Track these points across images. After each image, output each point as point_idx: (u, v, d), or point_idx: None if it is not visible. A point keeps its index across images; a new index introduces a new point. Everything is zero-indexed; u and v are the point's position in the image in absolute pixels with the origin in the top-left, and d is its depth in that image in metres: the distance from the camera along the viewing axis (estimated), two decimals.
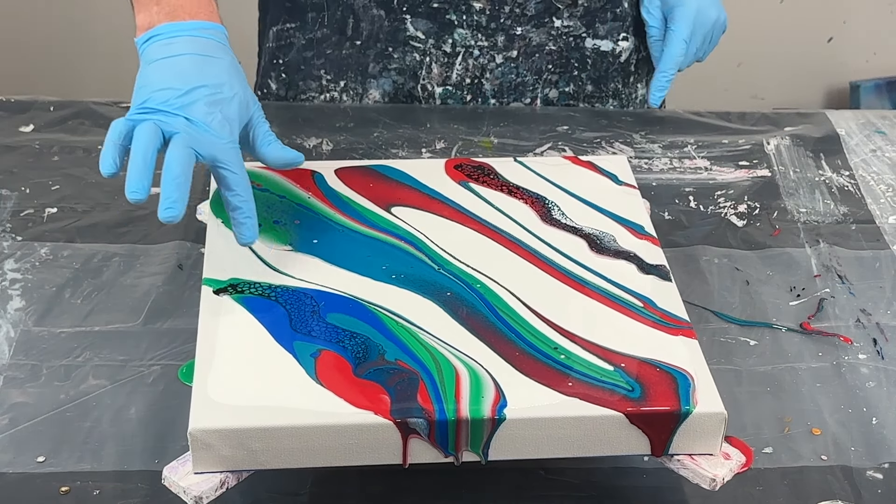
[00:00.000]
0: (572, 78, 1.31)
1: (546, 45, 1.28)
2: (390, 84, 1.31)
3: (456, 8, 1.26)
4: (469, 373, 0.82)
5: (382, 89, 1.31)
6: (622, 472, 0.88)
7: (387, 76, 1.30)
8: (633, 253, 0.95)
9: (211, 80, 0.91)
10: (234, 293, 0.89)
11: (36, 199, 1.14)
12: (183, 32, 0.95)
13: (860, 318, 1.03)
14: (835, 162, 1.25)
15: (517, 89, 1.31)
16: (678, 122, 1.30)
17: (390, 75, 1.30)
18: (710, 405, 0.81)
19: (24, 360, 0.95)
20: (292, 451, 0.79)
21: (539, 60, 1.29)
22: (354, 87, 1.32)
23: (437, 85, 1.30)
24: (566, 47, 1.29)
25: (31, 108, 1.28)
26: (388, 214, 0.98)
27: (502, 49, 1.28)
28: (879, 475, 0.89)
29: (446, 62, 1.29)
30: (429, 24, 1.27)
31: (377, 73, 1.30)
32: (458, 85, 1.30)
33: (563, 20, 1.27)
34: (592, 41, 1.29)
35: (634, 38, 1.31)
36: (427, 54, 1.28)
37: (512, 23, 1.27)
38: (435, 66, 1.29)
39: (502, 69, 1.29)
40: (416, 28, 1.27)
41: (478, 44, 1.28)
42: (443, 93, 1.31)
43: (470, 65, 1.29)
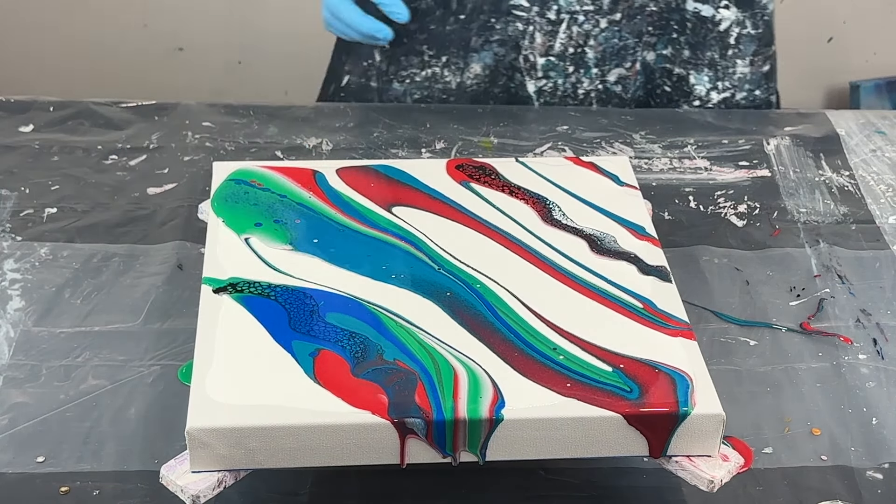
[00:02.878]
0: (670, 41, 1.29)
1: (647, 6, 1.26)
2: (491, 57, 1.29)
3: None
4: (467, 373, 0.82)
5: (483, 62, 1.30)
6: (622, 472, 0.88)
7: (488, 49, 1.29)
8: (634, 254, 0.95)
9: None
10: (234, 292, 0.89)
11: (36, 199, 1.14)
12: None
13: (860, 318, 1.03)
14: (835, 162, 1.25)
15: (619, 54, 1.29)
16: (678, 122, 1.30)
17: (492, 48, 1.29)
18: (708, 406, 0.81)
19: (24, 360, 0.95)
20: (290, 450, 0.79)
21: (640, 22, 1.27)
22: (456, 61, 1.31)
23: (540, 55, 1.29)
24: (667, 8, 1.27)
25: (31, 108, 1.28)
26: (388, 214, 0.98)
27: (607, 12, 1.26)
28: (879, 475, 0.89)
29: (550, 30, 1.27)
30: None
31: (479, 47, 1.29)
32: (560, 55, 1.29)
33: None
34: (694, 4, 1.27)
35: (738, 11, 1.28)
36: (531, 23, 1.27)
37: None
38: (538, 35, 1.27)
39: (606, 34, 1.27)
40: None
41: (583, 8, 1.26)
42: (545, 64, 1.29)
43: (574, 32, 1.27)
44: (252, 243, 0.94)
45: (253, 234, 0.95)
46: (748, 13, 1.29)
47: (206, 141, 1.24)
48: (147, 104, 1.30)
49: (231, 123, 1.27)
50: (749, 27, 1.30)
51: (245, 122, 1.27)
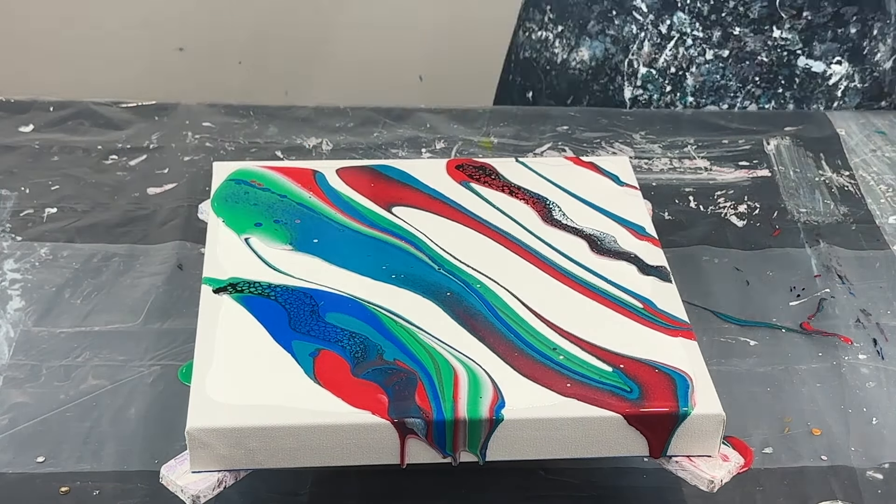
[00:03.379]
0: (775, 95, 1.29)
1: (759, 55, 1.27)
2: (602, 50, 1.29)
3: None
4: (467, 373, 0.82)
5: (593, 52, 1.29)
6: (622, 472, 0.88)
7: (602, 40, 1.29)
8: (634, 254, 0.95)
9: None
10: (234, 292, 0.89)
11: (36, 199, 1.14)
12: None
13: (860, 318, 1.03)
14: (835, 162, 1.25)
15: (717, 92, 1.29)
16: (678, 122, 1.30)
17: (605, 40, 1.29)
18: (708, 407, 0.81)
19: (24, 360, 0.95)
20: (290, 450, 0.79)
21: (748, 69, 1.27)
22: (569, 36, 1.30)
23: (644, 65, 1.29)
24: (777, 61, 1.27)
25: (31, 108, 1.28)
26: (388, 214, 0.98)
27: (715, 45, 1.27)
28: (879, 475, 0.89)
29: (659, 43, 1.27)
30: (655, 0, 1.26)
31: (594, 33, 1.29)
32: (662, 71, 1.29)
33: (783, 31, 1.25)
34: (805, 60, 1.27)
35: (849, 65, 1.29)
36: (644, 29, 1.27)
37: (732, 20, 1.25)
38: (647, 45, 1.27)
39: (709, 66, 1.28)
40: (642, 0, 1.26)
41: (693, 32, 1.26)
42: (645, 74, 1.29)
43: (680, 53, 1.27)
44: (252, 243, 0.94)
45: (253, 234, 0.95)
46: (858, 68, 1.29)
47: (206, 141, 1.24)
48: (147, 104, 1.30)
49: (231, 123, 1.27)
50: (856, 80, 1.30)
51: (245, 122, 1.27)
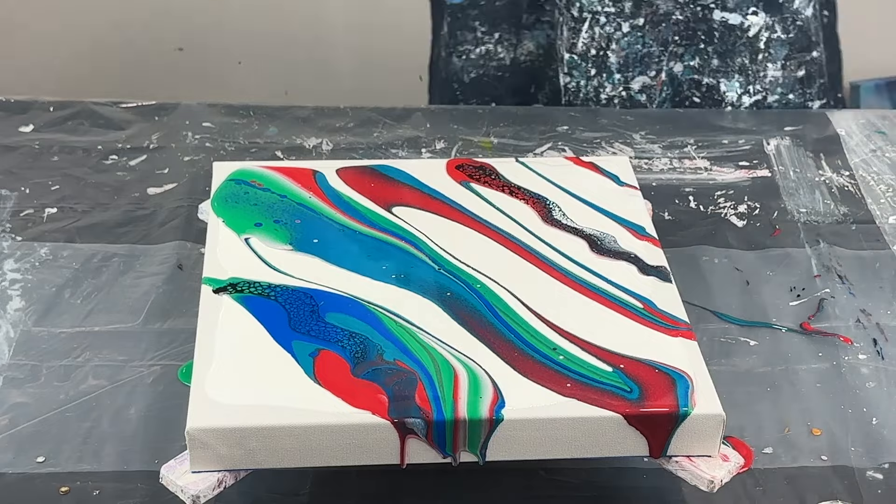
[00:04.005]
0: (698, 51, 1.29)
1: (673, 14, 1.26)
2: (544, 37, 1.29)
3: None
4: (467, 373, 0.82)
5: (537, 41, 1.30)
6: (622, 472, 0.88)
7: (541, 29, 1.29)
8: (634, 254, 0.95)
9: None
10: (234, 292, 0.89)
11: (36, 199, 1.14)
12: None
13: (860, 318, 1.03)
14: (835, 162, 1.25)
15: (643, 61, 1.29)
16: (678, 122, 1.30)
17: (544, 28, 1.29)
18: (708, 407, 0.81)
19: (24, 360, 0.95)
20: (290, 450, 0.79)
21: (665, 31, 1.27)
22: (509, 37, 1.31)
23: (566, 51, 1.29)
24: (693, 17, 1.27)
25: (31, 108, 1.28)
26: (389, 214, 0.98)
27: (629, 16, 1.26)
28: (879, 475, 0.89)
29: (574, 27, 1.27)
30: None
31: (531, 25, 1.29)
32: (583, 55, 1.29)
33: None
34: (721, 13, 1.27)
35: (766, 15, 1.28)
36: (562, 13, 1.27)
37: None
38: (565, 29, 1.27)
39: (628, 39, 1.27)
40: None
41: (605, 10, 1.26)
42: (570, 60, 1.29)
43: (596, 33, 1.27)
44: (252, 243, 0.94)
45: (253, 234, 0.95)
46: (777, 17, 1.28)
47: (206, 141, 1.24)
48: (147, 104, 1.30)
49: (231, 123, 1.27)
50: (779, 31, 1.30)
51: (245, 122, 1.27)
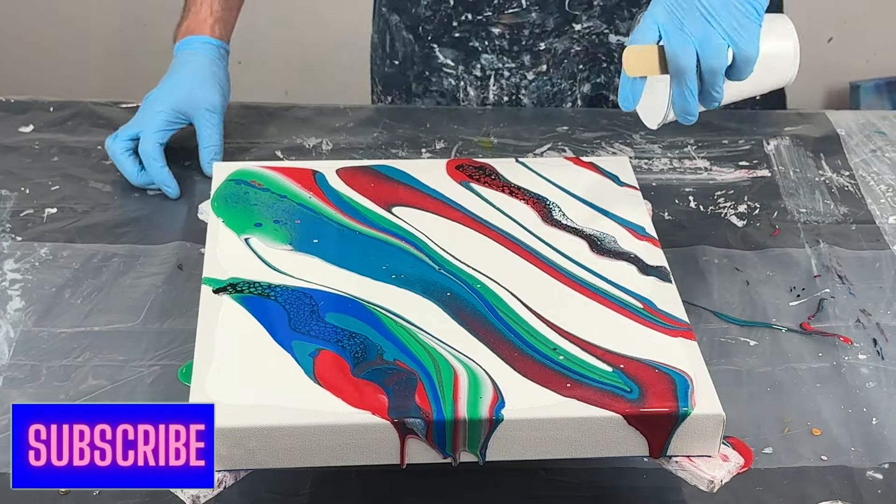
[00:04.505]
0: (602, 70, 1.30)
1: (571, 49, 1.28)
2: (434, 103, 1.32)
3: (477, 35, 1.27)
4: (467, 373, 0.82)
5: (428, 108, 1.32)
6: (622, 472, 0.88)
7: (430, 97, 1.32)
8: (634, 254, 0.95)
9: None
10: (234, 292, 0.89)
11: (36, 199, 1.14)
12: None
13: (860, 318, 1.03)
14: (835, 162, 1.25)
15: (556, 97, 1.31)
16: (678, 122, 1.30)
17: (433, 96, 1.32)
18: (708, 407, 0.81)
19: (24, 360, 0.95)
20: (289, 450, 0.79)
21: (569, 65, 1.29)
22: (400, 103, 1.34)
23: (478, 105, 1.31)
24: (591, 45, 1.28)
25: (31, 108, 1.28)
26: (388, 214, 0.98)
27: (531, 67, 1.29)
28: (879, 475, 0.89)
29: (480, 85, 1.30)
30: (455, 52, 1.29)
31: (420, 93, 1.31)
32: (496, 103, 1.31)
33: (583, 24, 1.27)
34: (616, 37, 1.29)
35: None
36: (461, 79, 1.29)
37: (534, 41, 1.28)
38: (471, 90, 1.30)
39: (536, 83, 1.30)
40: (444, 56, 1.29)
41: (506, 66, 1.29)
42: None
43: (504, 84, 1.30)
44: (252, 243, 0.94)
45: (253, 234, 0.95)
46: None
47: None
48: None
49: (231, 123, 1.27)
50: None
51: (245, 122, 1.27)
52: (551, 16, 1.26)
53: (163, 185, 1.14)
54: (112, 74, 2.40)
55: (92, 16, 2.41)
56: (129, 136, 1.16)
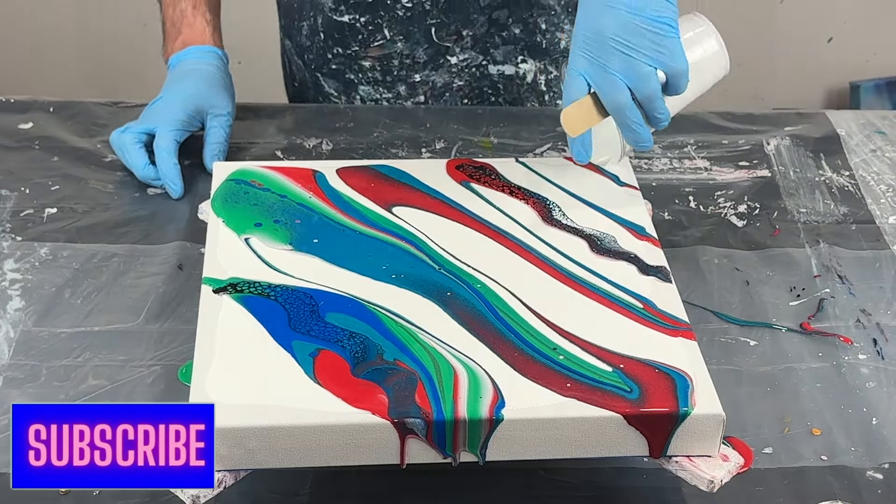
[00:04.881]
0: (491, 102, 1.32)
1: (453, 83, 1.29)
2: None
3: (350, 67, 1.29)
4: (467, 373, 0.82)
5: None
6: (622, 472, 0.88)
7: None
8: (634, 254, 0.95)
9: None
10: (234, 292, 0.89)
11: (36, 199, 1.14)
12: None
13: (860, 318, 1.03)
14: (835, 162, 1.25)
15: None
16: (678, 122, 1.30)
17: None
18: (708, 407, 0.81)
19: (24, 360, 0.95)
20: (289, 450, 0.79)
21: (451, 99, 1.30)
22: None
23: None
24: (472, 79, 1.29)
25: (31, 108, 1.28)
26: (389, 214, 0.98)
27: (406, 97, 1.30)
28: (879, 475, 0.89)
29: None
30: (336, 83, 1.31)
31: None
32: None
33: (458, 56, 1.27)
34: (495, 67, 1.29)
35: (535, 61, 1.31)
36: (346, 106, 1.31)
37: (406, 72, 1.29)
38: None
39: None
40: (328, 86, 1.31)
41: (383, 96, 1.30)
42: None
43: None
44: (252, 243, 0.94)
45: (253, 234, 0.95)
46: (547, 60, 1.31)
47: None
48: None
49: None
50: (552, 70, 1.32)
51: (245, 122, 1.27)
52: (420, 46, 1.27)
53: (169, 181, 1.14)
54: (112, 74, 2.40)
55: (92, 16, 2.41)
56: (140, 131, 1.16)
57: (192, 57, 1.21)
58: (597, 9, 0.94)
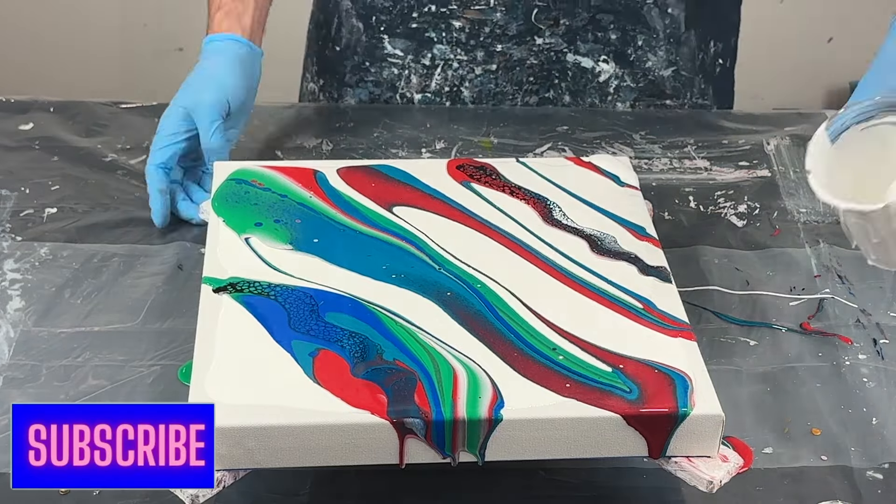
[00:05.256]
0: (552, 85, 1.31)
1: (527, 60, 1.29)
2: (367, 94, 1.32)
3: (435, 27, 1.28)
4: (467, 373, 0.82)
5: (359, 98, 1.33)
6: (622, 472, 0.88)
7: (363, 87, 1.32)
8: (634, 254, 0.95)
9: None
10: (234, 292, 0.89)
11: (36, 199, 1.14)
12: None
13: (860, 318, 1.03)
14: None
15: (496, 97, 1.31)
16: (678, 122, 1.30)
17: (367, 86, 1.32)
18: (707, 407, 0.81)
19: (24, 360, 0.95)
20: (289, 450, 0.79)
21: (519, 73, 1.30)
22: (331, 90, 1.33)
23: (416, 92, 1.31)
24: (547, 61, 1.29)
25: (31, 108, 1.28)
26: (389, 214, 0.98)
27: (481, 62, 1.30)
28: (879, 475, 0.89)
29: (425, 73, 1.30)
30: (407, 43, 1.29)
31: (353, 84, 1.31)
32: (437, 92, 1.31)
33: (545, 38, 1.27)
34: (574, 56, 1.29)
35: (617, 66, 1.30)
36: (406, 68, 1.30)
37: (493, 41, 1.28)
38: (414, 77, 1.30)
39: (481, 79, 1.30)
40: (393, 47, 1.29)
41: (457, 57, 1.29)
42: (421, 99, 1.32)
43: (449, 75, 1.30)
44: (252, 243, 0.94)
45: (253, 233, 0.95)
46: (627, 70, 1.31)
47: None
48: (147, 104, 1.30)
49: None
50: (629, 81, 1.32)
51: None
52: (515, 21, 1.27)
53: (152, 208, 1.10)
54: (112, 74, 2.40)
55: (92, 16, 2.41)
56: (160, 162, 1.11)
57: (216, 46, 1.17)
58: None
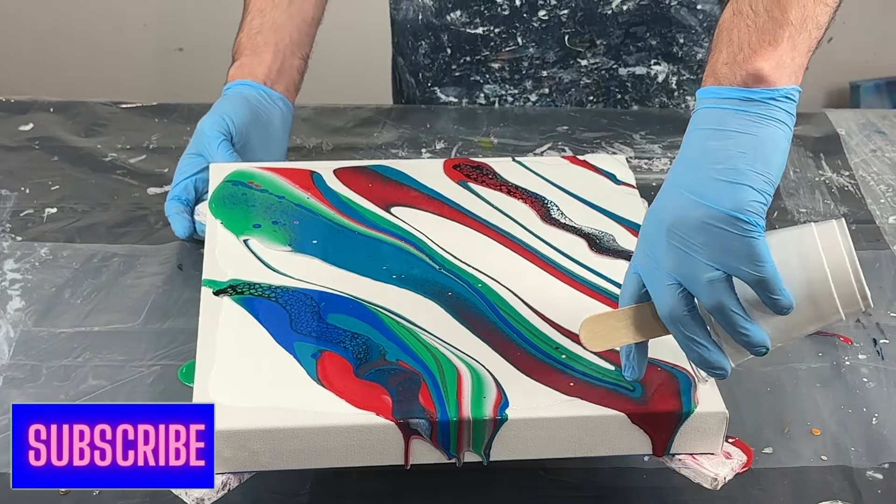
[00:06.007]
0: (617, 101, 1.32)
1: (580, 80, 1.30)
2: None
3: (477, 70, 1.29)
4: (471, 373, 0.82)
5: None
6: (623, 472, 0.88)
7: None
8: (633, 252, 0.94)
9: None
10: (234, 294, 0.89)
11: (36, 199, 1.14)
12: None
13: (860, 318, 1.03)
14: (835, 162, 1.25)
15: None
16: (678, 122, 1.30)
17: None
18: (711, 405, 0.81)
19: (24, 360, 0.95)
20: (294, 452, 0.79)
21: (577, 94, 1.31)
22: None
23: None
24: (601, 79, 1.30)
25: (31, 108, 1.28)
26: (387, 214, 0.98)
27: (532, 90, 1.30)
28: (879, 475, 0.89)
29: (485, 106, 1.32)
30: (458, 89, 1.31)
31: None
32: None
33: (588, 59, 1.28)
34: (625, 69, 1.30)
35: (669, 65, 1.31)
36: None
37: (535, 70, 1.29)
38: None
39: (539, 103, 1.31)
40: (447, 95, 1.31)
41: (508, 92, 1.31)
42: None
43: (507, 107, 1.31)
44: (251, 245, 0.94)
45: (252, 235, 0.95)
46: (680, 64, 1.31)
47: None
48: (147, 104, 1.30)
49: None
50: (684, 73, 1.32)
51: None
52: (551, 49, 1.27)
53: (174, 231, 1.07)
54: (112, 74, 2.40)
55: (92, 16, 2.41)
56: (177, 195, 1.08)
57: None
58: (665, 192, 0.76)
